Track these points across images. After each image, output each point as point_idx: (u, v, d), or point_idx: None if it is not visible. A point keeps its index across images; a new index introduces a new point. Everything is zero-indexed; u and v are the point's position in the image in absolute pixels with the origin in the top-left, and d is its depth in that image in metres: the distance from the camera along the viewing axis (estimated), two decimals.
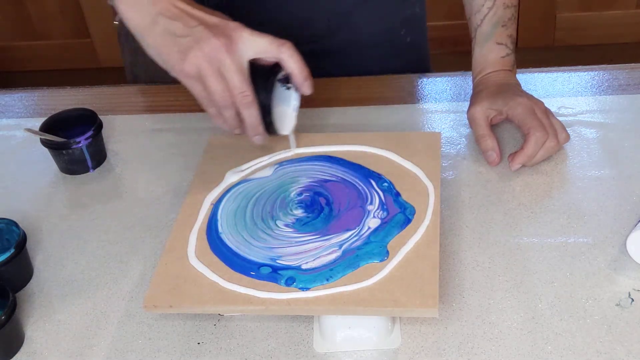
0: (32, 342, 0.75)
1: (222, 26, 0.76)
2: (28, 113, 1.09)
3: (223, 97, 0.76)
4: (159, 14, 0.76)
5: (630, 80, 1.01)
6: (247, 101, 0.77)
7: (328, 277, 0.70)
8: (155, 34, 0.76)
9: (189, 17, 0.76)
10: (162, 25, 0.76)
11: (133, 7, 0.77)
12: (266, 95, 0.78)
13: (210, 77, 0.75)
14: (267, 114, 0.79)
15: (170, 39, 0.75)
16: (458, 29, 2.50)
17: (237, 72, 0.75)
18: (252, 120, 0.78)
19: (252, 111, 0.78)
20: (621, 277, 0.75)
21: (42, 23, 2.71)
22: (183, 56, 0.75)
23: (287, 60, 0.77)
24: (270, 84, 0.78)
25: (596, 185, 0.85)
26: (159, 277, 0.73)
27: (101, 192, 0.93)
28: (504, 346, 0.69)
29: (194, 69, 0.75)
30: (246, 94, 0.76)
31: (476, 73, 0.96)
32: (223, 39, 0.75)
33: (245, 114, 0.78)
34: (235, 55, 0.75)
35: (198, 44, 0.74)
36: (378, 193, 0.80)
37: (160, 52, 0.76)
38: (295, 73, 0.78)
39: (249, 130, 0.80)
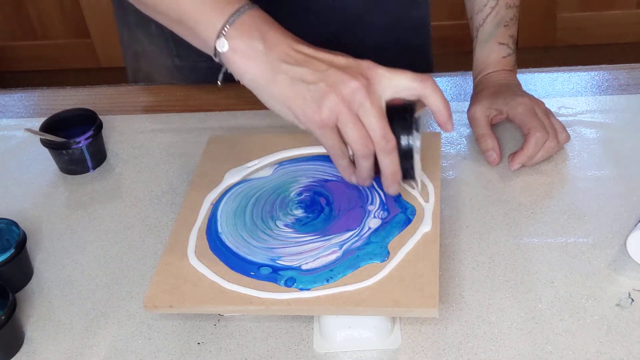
0: (32, 342, 0.75)
1: (354, 66, 0.69)
2: (28, 113, 1.09)
3: (364, 145, 0.68)
4: (281, 60, 0.68)
5: (631, 80, 1.01)
6: (390, 147, 0.69)
7: (328, 277, 0.70)
8: (281, 84, 0.68)
9: (317, 61, 0.69)
10: (288, 73, 0.68)
11: (250, 58, 0.69)
12: (407, 137, 0.70)
13: (350, 123, 0.67)
14: (408, 159, 0.71)
15: (299, 86, 0.68)
16: (459, 28, 2.50)
17: (378, 116, 0.68)
18: (393, 167, 0.70)
19: (393, 158, 0.70)
20: (621, 277, 0.75)
21: (42, 23, 2.71)
22: (319, 104, 0.67)
23: (431, 96, 0.70)
24: (409, 125, 0.70)
25: (596, 185, 0.85)
26: (159, 277, 0.73)
27: (101, 192, 0.93)
28: (504, 346, 0.69)
29: (332, 116, 0.67)
30: (389, 138, 0.68)
31: (477, 73, 0.96)
32: (361, 79, 0.67)
33: (385, 161, 0.70)
34: (375, 96, 0.68)
35: (335, 88, 0.67)
36: (379, 193, 0.79)
37: (289, 104, 0.69)
38: (440, 110, 0.70)
39: (387, 179, 0.72)
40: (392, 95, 0.70)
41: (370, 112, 0.67)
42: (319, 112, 0.67)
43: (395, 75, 0.69)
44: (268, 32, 0.69)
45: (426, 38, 1.15)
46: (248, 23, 0.69)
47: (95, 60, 2.76)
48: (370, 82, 0.68)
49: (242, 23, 0.69)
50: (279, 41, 0.69)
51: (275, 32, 0.70)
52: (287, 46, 0.69)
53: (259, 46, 0.69)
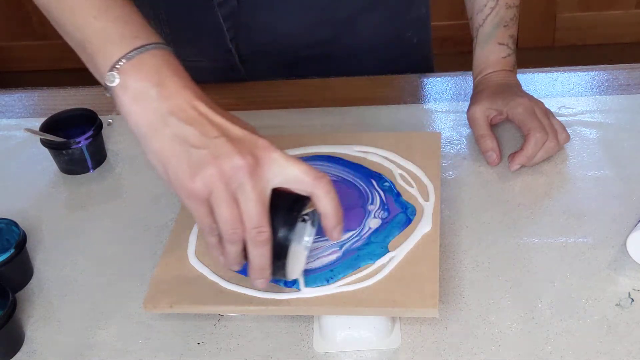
0: (32, 342, 0.75)
1: (248, 141, 0.62)
2: (28, 113, 1.09)
3: (233, 229, 0.62)
4: (171, 113, 0.61)
5: (630, 80, 1.01)
6: (262, 239, 0.62)
7: (328, 277, 0.70)
8: (162, 138, 0.61)
9: (209, 124, 0.61)
10: (173, 128, 0.61)
11: (138, 101, 0.62)
12: (286, 231, 0.63)
13: (222, 202, 0.61)
14: (282, 256, 0.64)
15: (180, 147, 0.61)
16: (459, 29, 2.50)
17: (256, 202, 0.61)
18: (262, 261, 0.64)
19: (263, 251, 0.63)
20: (621, 277, 0.75)
21: (42, 23, 2.70)
22: (194, 172, 0.60)
23: (322, 198, 0.63)
24: (292, 218, 0.64)
25: (596, 185, 0.85)
26: (159, 277, 0.73)
27: (101, 192, 0.93)
28: (504, 346, 0.69)
29: (205, 190, 0.60)
30: (262, 230, 0.62)
31: (477, 73, 0.96)
32: (249, 158, 0.60)
33: (254, 253, 0.63)
34: (259, 180, 0.61)
35: (216, 160, 0.60)
36: (379, 193, 0.79)
37: (164, 162, 0.61)
38: (328, 214, 0.64)
39: (253, 271, 0.65)
40: (282, 184, 0.63)
41: (249, 196, 0.61)
42: (191, 180, 0.60)
43: (289, 164, 0.62)
44: (168, 78, 0.62)
45: (426, 36, 1.15)
46: (149, 63, 0.62)
47: None
48: (259, 164, 0.61)
49: (142, 61, 0.62)
50: (177, 92, 0.62)
51: (176, 81, 0.63)
52: (184, 100, 0.62)
53: (152, 92, 0.61)
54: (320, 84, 1.06)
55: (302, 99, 1.04)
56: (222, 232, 0.63)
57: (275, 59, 1.07)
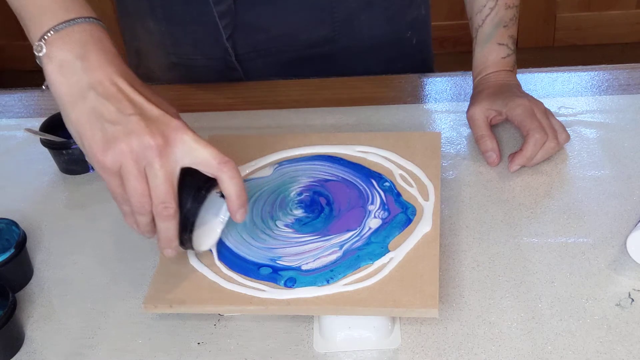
0: (32, 342, 0.75)
1: (161, 122, 0.65)
2: (28, 113, 1.09)
3: (140, 202, 0.65)
4: (91, 87, 0.64)
5: (631, 80, 1.01)
6: (167, 214, 0.66)
7: (328, 278, 0.70)
8: (80, 109, 0.64)
9: (126, 101, 0.64)
10: (92, 102, 0.64)
11: (62, 72, 0.65)
12: (193, 208, 0.67)
13: (131, 177, 0.64)
14: (188, 231, 0.68)
15: (96, 121, 0.64)
16: (458, 29, 2.50)
17: (164, 180, 0.64)
18: (167, 233, 0.68)
19: (169, 225, 0.67)
20: (621, 277, 0.75)
21: None
22: (106, 146, 0.63)
23: (227, 182, 0.67)
24: (201, 197, 0.68)
25: (596, 185, 0.85)
26: (159, 277, 0.73)
27: (101, 192, 0.92)
28: (504, 346, 0.69)
29: (115, 164, 0.64)
30: (167, 205, 0.65)
31: (476, 73, 0.96)
32: (159, 138, 0.64)
33: (161, 226, 0.67)
34: (167, 160, 0.64)
35: (127, 137, 0.63)
36: (379, 193, 0.79)
37: (80, 132, 0.65)
38: (231, 197, 0.68)
39: (161, 242, 0.69)
40: (190, 165, 0.66)
41: (156, 173, 0.64)
42: (103, 154, 0.64)
43: (198, 146, 0.65)
44: (92, 52, 0.65)
45: (426, 37, 1.15)
46: (76, 36, 0.65)
47: None
48: (168, 144, 0.64)
49: (69, 34, 0.65)
50: (99, 66, 0.65)
51: (100, 56, 0.65)
52: (105, 75, 0.64)
53: (76, 64, 0.64)
54: (320, 84, 1.06)
55: (302, 99, 1.04)
56: (131, 204, 0.66)
57: (273, 58, 1.07)
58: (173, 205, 0.66)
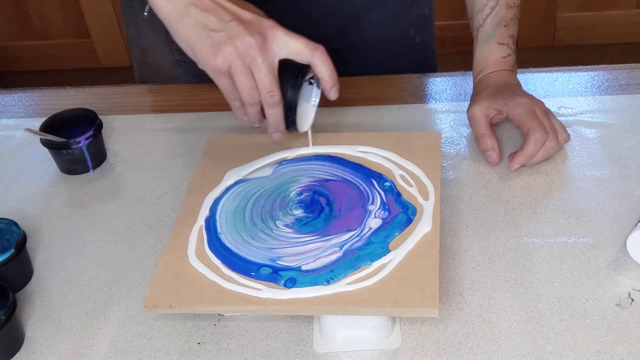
0: (32, 342, 0.75)
1: (256, 23, 0.76)
2: (28, 113, 1.09)
3: (251, 94, 0.77)
4: (192, 4, 0.75)
5: (630, 80, 1.01)
6: (274, 101, 0.77)
7: (329, 278, 0.70)
8: (186, 25, 0.75)
9: (223, 11, 0.75)
10: (195, 16, 0.75)
11: None
12: (293, 94, 0.78)
13: (240, 74, 0.75)
14: (291, 113, 0.80)
15: (202, 31, 0.75)
16: (459, 28, 2.50)
17: (267, 72, 0.76)
18: (276, 119, 0.79)
19: (277, 110, 0.78)
20: (621, 277, 0.75)
21: (42, 23, 2.70)
22: (215, 51, 0.75)
23: (319, 65, 0.78)
24: (298, 83, 0.78)
25: (596, 185, 0.85)
26: (159, 277, 0.73)
27: (101, 192, 0.93)
28: (504, 346, 0.69)
29: (225, 65, 0.75)
30: (274, 93, 0.77)
31: (477, 72, 0.96)
32: (257, 37, 0.74)
33: (270, 112, 0.79)
34: (267, 54, 0.75)
35: (231, 40, 0.74)
36: (379, 193, 0.79)
37: (191, 45, 0.76)
38: (325, 78, 0.79)
39: (270, 127, 0.80)
40: (286, 56, 0.77)
41: (260, 67, 0.75)
42: (214, 58, 0.75)
43: (290, 38, 0.76)
44: None
45: (429, 36, 1.15)
46: None
47: (95, 60, 2.76)
48: (266, 41, 0.75)
49: None
50: None
51: None
52: None
53: None
54: None
55: None
56: (242, 98, 0.78)
57: None
58: (277, 93, 0.77)
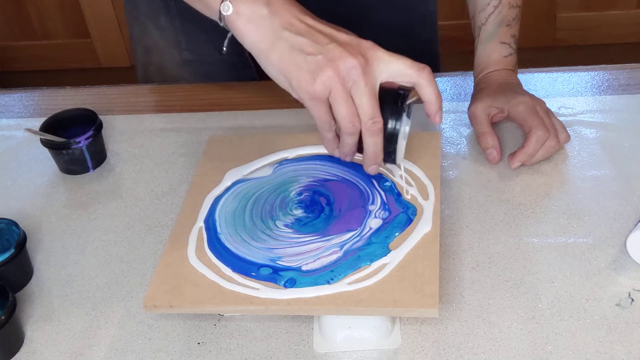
0: (32, 342, 0.75)
1: (355, 44, 0.70)
2: (28, 113, 1.09)
3: (352, 122, 0.70)
4: (284, 28, 0.70)
5: (631, 80, 1.01)
6: (377, 128, 0.71)
7: (329, 279, 0.70)
8: (280, 50, 0.70)
9: (319, 34, 0.70)
10: (288, 41, 0.69)
11: (253, 22, 0.70)
12: (395, 122, 0.71)
13: (340, 99, 0.69)
14: (392, 143, 0.72)
15: (298, 56, 0.69)
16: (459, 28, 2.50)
17: (370, 97, 0.69)
18: (376, 148, 0.72)
19: (377, 139, 0.71)
20: (621, 277, 0.75)
21: (42, 23, 2.71)
22: (314, 76, 0.68)
23: (425, 87, 0.72)
24: (399, 109, 0.71)
25: (596, 185, 0.85)
26: (159, 277, 0.73)
27: (101, 192, 0.93)
28: (504, 346, 0.69)
29: (326, 90, 0.69)
30: (376, 120, 0.70)
31: (478, 71, 0.96)
32: (360, 58, 0.69)
33: (370, 141, 0.72)
34: (370, 77, 0.69)
35: (332, 63, 0.68)
36: (380, 193, 0.79)
37: (286, 71, 0.70)
38: (432, 101, 0.72)
39: (369, 159, 0.73)
40: (388, 79, 0.71)
41: (363, 91, 0.69)
42: (312, 84, 0.69)
43: (393, 59, 0.71)
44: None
45: (433, 34, 1.15)
46: None
47: (95, 60, 2.76)
48: (368, 63, 0.69)
49: None
50: (284, 8, 0.70)
51: (282, 0, 0.71)
52: (291, 15, 0.70)
53: (263, 11, 0.70)
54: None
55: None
56: (341, 127, 0.71)
57: None
58: (380, 119, 0.70)
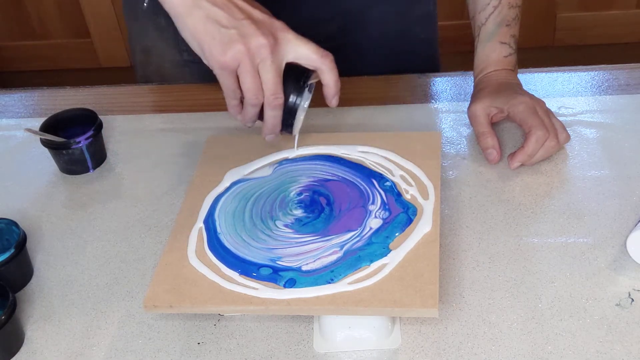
0: (32, 342, 0.75)
1: (268, 24, 0.75)
2: (28, 113, 1.09)
3: (255, 95, 0.76)
4: None
5: (630, 80, 1.01)
6: (277, 103, 0.77)
7: (329, 279, 0.70)
8: (196, 18, 0.74)
9: (235, 8, 0.74)
10: (205, 10, 0.74)
11: None
12: (295, 98, 0.78)
13: (247, 73, 0.74)
14: (290, 116, 0.79)
15: (212, 26, 0.74)
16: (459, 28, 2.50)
17: (275, 74, 0.75)
18: (274, 121, 0.79)
19: (277, 113, 0.78)
20: (621, 277, 0.75)
21: (42, 23, 2.70)
22: (225, 48, 0.73)
23: (326, 72, 0.78)
24: (301, 87, 0.78)
25: (596, 185, 0.85)
26: (159, 277, 0.73)
27: (101, 192, 0.93)
28: (504, 346, 0.69)
29: (234, 62, 0.74)
30: (278, 96, 0.76)
31: (478, 71, 0.96)
32: (270, 37, 0.74)
33: (270, 114, 0.78)
34: (277, 56, 0.75)
35: (244, 39, 0.73)
36: (380, 193, 0.79)
37: (199, 39, 0.74)
38: (330, 85, 0.78)
39: (267, 129, 0.80)
40: (294, 59, 0.77)
41: (269, 69, 0.74)
42: (223, 55, 0.73)
43: (301, 43, 0.76)
44: None
45: (433, 34, 1.15)
46: None
47: (95, 60, 2.76)
48: (277, 43, 0.75)
49: None
50: None
51: None
52: None
53: None
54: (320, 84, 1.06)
55: None
56: (246, 98, 0.76)
57: None
58: (281, 96, 0.76)
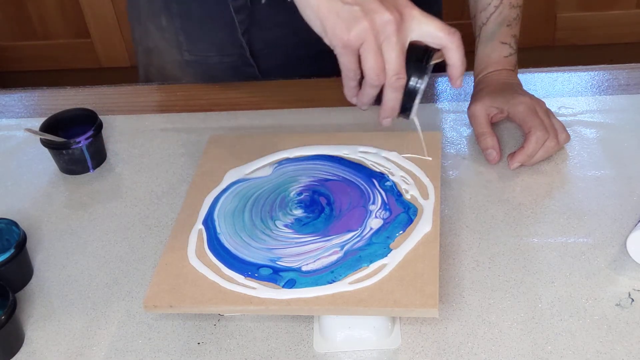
0: (32, 342, 0.75)
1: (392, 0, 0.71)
2: (28, 113, 1.09)
3: (378, 75, 0.72)
4: None
5: (631, 80, 1.01)
6: (399, 84, 0.73)
7: (330, 279, 0.70)
8: None
9: None
10: None
11: None
12: (417, 79, 0.73)
13: (371, 52, 0.70)
14: (412, 99, 0.74)
15: (336, 4, 0.70)
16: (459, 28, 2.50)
17: (399, 53, 0.71)
18: (394, 103, 0.74)
19: (398, 95, 0.74)
20: (621, 277, 0.75)
21: (42, 23, 2.71)
22: (349, 26, 0.70)
23: (453, 51, 0.73)
24: (423, 68, 0.73)
25: (596, 185, 0.85)
26: (159, 277, 0.73)
27: (101, 192, 0.93)
28: (504, 346, 0.69)
29: (358, 41, 0.70)
30: (401, 76, 0.72)
31: (478, 71, 0.96)
32: (396, 13, 0.70)
33: (391, 96, 0.73)
34: (402, 34, 0.71)
35: (368, 16, 0.69)
36: (380, 193, 0.79)
37: (322, 17, 0.71)
38: (456, 65, 0.74)
39: (385, 111, 0.75)
40: (418, 38, 0.72)
41: (393, 47, 0.70)
42: (347, 33, 0.70)
43: (426, 20, 0.72)
44: None
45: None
46: None
47: (96, 60, 2.76)
48: (403, 19, 0.71)
49: None
50: None
51: None
52: None
53: None
54: (321, 83, 1.06)
55: (303, 99, 1.04)
56: (367, 78, 0.72)
57: (288, 53, 1.07)
58: (404, 76, 0.72)
